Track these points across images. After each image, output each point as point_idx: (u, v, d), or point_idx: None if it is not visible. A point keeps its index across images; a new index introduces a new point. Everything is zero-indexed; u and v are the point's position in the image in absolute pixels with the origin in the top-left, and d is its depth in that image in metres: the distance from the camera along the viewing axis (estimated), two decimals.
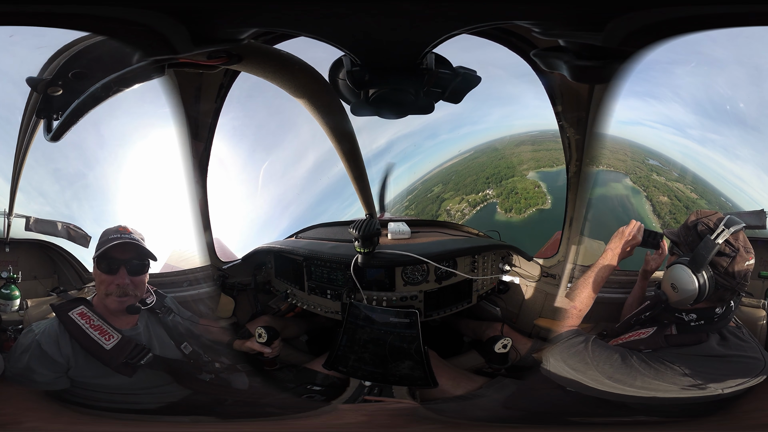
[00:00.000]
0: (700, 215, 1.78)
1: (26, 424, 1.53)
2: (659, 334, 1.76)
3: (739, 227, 1.69)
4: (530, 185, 2.80)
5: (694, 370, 1.65)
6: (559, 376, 1.77)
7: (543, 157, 2.81)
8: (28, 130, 1.77)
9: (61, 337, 1.69)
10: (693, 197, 2.39)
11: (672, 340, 1.73)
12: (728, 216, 1.72)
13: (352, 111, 1.92)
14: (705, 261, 1.67)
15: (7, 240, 1.87)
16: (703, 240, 1.69)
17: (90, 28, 1.61)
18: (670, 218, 2.41)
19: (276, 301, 2.48)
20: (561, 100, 2.20)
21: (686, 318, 1.75)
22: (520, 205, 2.81)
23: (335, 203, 2.57)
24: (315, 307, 2.33)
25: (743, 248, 1.69)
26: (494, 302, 2.47)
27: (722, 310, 1.74)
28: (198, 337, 1.99)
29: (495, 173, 2.84)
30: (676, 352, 1.70)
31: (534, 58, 1.80)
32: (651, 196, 2.45)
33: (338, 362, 2.01)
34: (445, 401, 1.90)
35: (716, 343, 1.70)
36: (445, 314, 2.29)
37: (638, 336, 1.80)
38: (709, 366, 1.67)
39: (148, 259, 1.84)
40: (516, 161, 2.84)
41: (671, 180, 2.43)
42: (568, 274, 2.16)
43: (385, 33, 1.57)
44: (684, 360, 1.68)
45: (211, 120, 2.23)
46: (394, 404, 1.85)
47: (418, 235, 2.41)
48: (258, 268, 2.46)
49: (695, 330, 1.73)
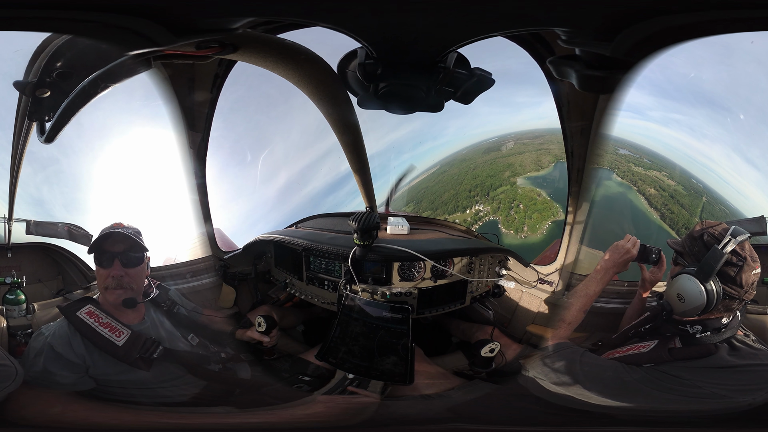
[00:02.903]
0: (705, 225, 1.79)
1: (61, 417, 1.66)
2: (662, 347, 1.76)
3: (745, 237, 1.70)
4: (530, 194, 2.65)
5: (708, 383, 1.67)
6: (542, 388, 1.82)
7: (523, 162, 2.66)
8: (22, 133, 1.75)
9: (73, 338, 1.73)
10: (671, 184, 2.35)
11: (676, 354, 1.73)
12: (734, 226, 1.74)
13: (358, 104, 1.89)
14: (714, 271, 1.68)
15: (8, 245, 1.90)
16: (710, 250, 1.70)
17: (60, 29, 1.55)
18: (666, 210, 2.36)
19: (275, 290, 2.55)
20: (567, 108, 2.16)
21: (691, 330, 1.74)
22: (533, 220, 2.63)
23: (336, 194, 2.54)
24: (312, 297, 2.39)
25: (750, 257, 1.70)
26: (488, 305, 2.50)
27: (729, 320, 1.74)
28: (202, 328, 2.07)
29: (477, 185, 2.68)
30: (682, 366, 1.71)
31: (548, 65, 1.78)
32: (641, 190, 2.38)
33: (329, 353, 2.05)
34: (408, 399, 1.94)
35: (727, 353, 1.70)
36: (438, 313, 2.34)
37: (638, 350, 1.80)
38: (723, 378, 1.68)
39: (142, 251, 1.87)
40: (495, 169, 2.69)
41: (648, 169, 2.36)
42: (565, 282, 2.16)
43: (414, 29, 1.55)
44: (693, 373, 1.69)
45: (207, 110, 2.17)
46: (359, 398, 1.91)
47: (417, 232, 2.40)
48: (258, 257, 2.50)
49: (702, 342, 1.72)
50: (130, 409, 1.77)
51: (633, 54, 1.47)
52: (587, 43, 1.53)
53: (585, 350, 1.87)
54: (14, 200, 1.85)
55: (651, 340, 1.80)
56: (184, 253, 2.22)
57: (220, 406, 1.89)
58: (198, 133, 2.19)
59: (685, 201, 2.32)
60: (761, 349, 1.73)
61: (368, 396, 1.91)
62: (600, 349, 1.93)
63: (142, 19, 1.39)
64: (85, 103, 1.77)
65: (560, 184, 2.54)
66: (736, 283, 1.69)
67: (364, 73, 1.71)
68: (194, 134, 2.18)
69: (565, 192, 2.36)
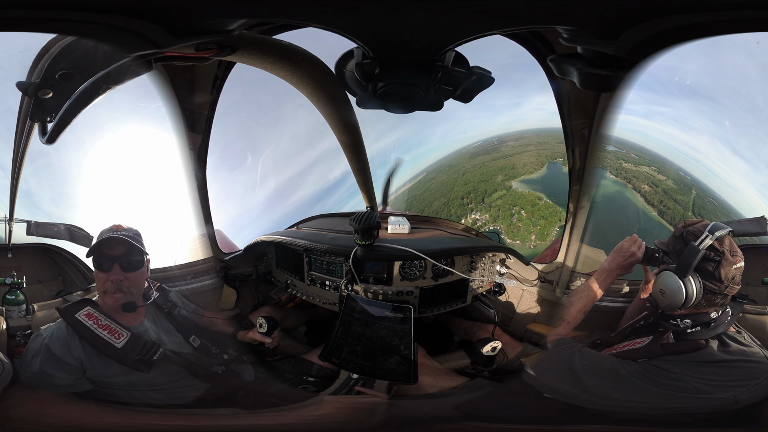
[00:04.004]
0: (687, 224, 1.83)
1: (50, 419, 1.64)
2: (655, 342, 1.78)
3: (723, 232, 1.72)
4: (532, 199, 2.60)
5: (693, 377, 1.68)
6: (542, 383, 1.83)
7: (515, 164, 2.64)
8: (24, 133, 1.76)
9: (71, 340, 1.71)
10: (662, 179, 2.34)
11: (668, 348, 1.75)
12: (713, 223, 1.76)
13: (357, 103, 1.89)
14: (690, 266, 1.71)
15: (9, 245, 1.89)
16: (687, 247, 1.74)
17: (62, 30, 1.55)
18: (663, 207, 2.36)
19: (277, 291, 2.54)
20: (568, 107, 2.15)
21: (682, 325, 1.76)
22: (540, 228, 2.57)
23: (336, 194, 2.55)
24: (314, 298, 2.39)
25: (728, 252, 1.72)
26: (489, 304, 2.50)
27: (718, 314, 1.76)
28: (204, 329, 2.05)
29: (470, 191, 2.64)
30: (672, 360, 1.73)
31: (549, 63, 1.77)
32: (637, 187, 2.39)
33: (332, 354, 2.05)
34: (413, 398, 1.95)
35: (716, 348, 1.72)
36: (439, 312, 2.34)
37: (633, 345, 1.82)
38: (710, 372, 1.69)
39: (141, 255, 1.85)
40: (486, 173, 2.65)
41: (638, 165, 2.36)
42: (565, 280, 2.16)
43: (410, 28, 1.54)
44: (682, 367, 1.70)
45: (207, 112, 2.18)
46: (367, 398, 1.91)
47: (418, 231, 2.40)
48: (259, 258, 2.50)
49: (691, 336, 1.75)
50: (128, 411, 1.75)
51: (637, 53, 1.47)
52: (590, 42, 1.52)
53: (583, 345, 1.88)
54: (15, 201, 1.85)
55: (646, 336, 1.82)
56: (184, 255, 2.22)
57: (222, 408, 1.87)
58: (198, 134, 2.20)
59: (678, 196, 2.33)
60: (751, 346, 1.74)
61: (376, 396, 1.91)
62: (599, 347, 1.92)
63: (142, 21, 1.40)
64: (87, 104, 1.77)
65: (557, 184, 2.55)
66: (715, 278, 1.72)
67: (362, 73, 1.70)
68: (194, 136, 2.18)
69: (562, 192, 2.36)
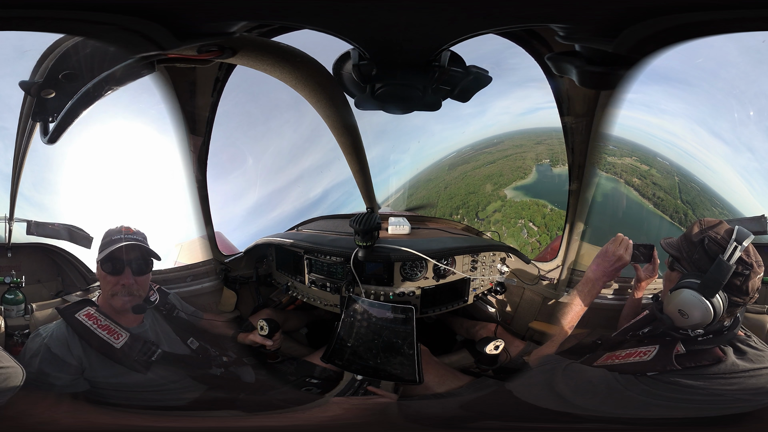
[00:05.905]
0: (704, 225, 1.64)
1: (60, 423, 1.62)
2: (666, 354, 1.62)
3: (749, 239, 1.56)
4: (538, 208, 2.47)
5: (717, 390, 1.56)
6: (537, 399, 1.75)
7: (502, 171, 2.58)
8: (25, 133, 1.76)
9: (71, 340, 1.71)
10: (645, 168, 2.27)
11: (684, 361, 1.59)
12: (737, 228, 1.59)
13: (356, 105, 1.89)
14: (720, 286, 1.54)
15: (8, 245, 1.89)
16: (716, 262, 1.55)
17: (66, 30, 1.57)
18: (656, 198, 2.29)
19: (277, 293, 2.53)
20: (567, 105, 2.16)
21: (692, 333, 1.62)
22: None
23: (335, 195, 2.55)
24: (315, 299, 2.38)
25: (756, 263, 1.58)
26: (490, 303, 2.50)
27: (730, 322, 1.64)
28: (203, 332, 2.04)
29: (459, 205, 2.53)
30: (690, 374, 1.58)
31: (547, 61, 1.78)
32: (628, 181, 2.32)
33: (335, 356, 2.05)
34: (422, 398, 1.93)
35: (736, 357, 1.58)
36: (441, 312, 2.33)
37: (639, 357, 1.67)
38: (735, 383, 1.56)
39: (151, 258, 1.86)
40: (472, 184, 2.56)
41: (621, 157, 2.28)
42: (566, 278, 2.16)
43: (402, 29, 1.54)
44: (704, 380, 1.57)
45: (208, 114, 2.19)
46: (376, 398, 1.90)
47: (418, 231, 2.41)
48: (260, 260, 2.50)
49: (703, 345, 1.61)
50: (126, 412, 1.74)
51: (637, 51, 1.44)
52: (589, 39, 1.51)
53: (570, 362, 1.76)
54: (15, 200, 1.84)
55: (651, 346, 1.68)
56: (184, 256, 2.21)
57: (222, 410, 1.86)
58: (199, 136, 2.21)
59: (663, 183, 2.25)
60: (765, 350, 1.64)
61: (385, 396, 1.89)
62: (599, 348, 1.83)
63: (149, 22, 1.41)
64: (89, 105, 1.78)
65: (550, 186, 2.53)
66: (742, 291, 1.56)
67: (359, 74, 1.70)
68: (195, 138, 2.19)
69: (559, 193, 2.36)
